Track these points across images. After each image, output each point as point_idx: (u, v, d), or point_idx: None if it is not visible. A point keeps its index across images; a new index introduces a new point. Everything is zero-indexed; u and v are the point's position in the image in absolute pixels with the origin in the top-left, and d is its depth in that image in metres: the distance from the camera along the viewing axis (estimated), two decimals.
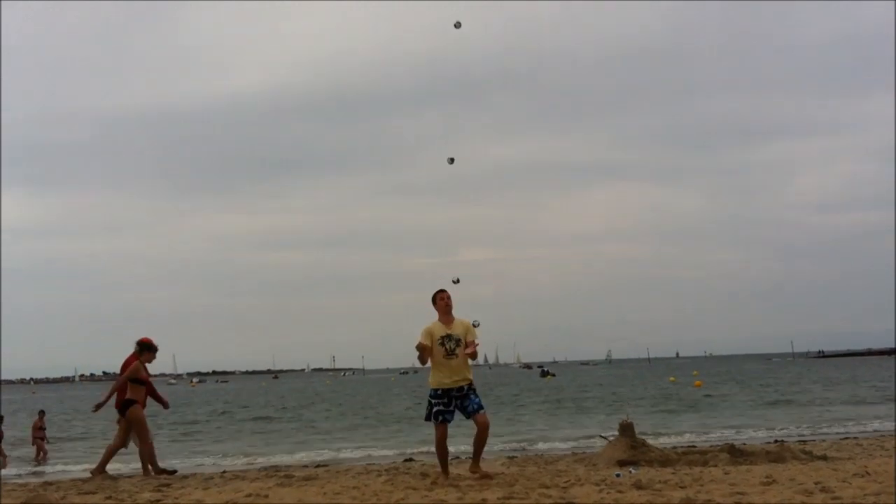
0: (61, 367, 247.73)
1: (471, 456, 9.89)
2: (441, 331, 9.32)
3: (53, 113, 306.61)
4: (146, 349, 12.39)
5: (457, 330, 9.35)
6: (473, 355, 9.41)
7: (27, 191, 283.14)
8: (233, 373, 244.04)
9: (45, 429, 21.17)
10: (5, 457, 19.79)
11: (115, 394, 12.36)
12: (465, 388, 9.31)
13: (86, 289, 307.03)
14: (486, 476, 9.35)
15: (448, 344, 9.28)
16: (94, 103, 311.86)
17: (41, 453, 20.54)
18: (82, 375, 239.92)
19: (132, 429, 12.19)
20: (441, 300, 9.44)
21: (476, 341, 9.37)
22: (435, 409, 9.29)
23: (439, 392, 9.28)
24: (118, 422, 12.48)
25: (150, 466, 12.19)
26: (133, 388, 12.16)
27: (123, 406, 12.16)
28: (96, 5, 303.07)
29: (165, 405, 13.02)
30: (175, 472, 12.33)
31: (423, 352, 9.25)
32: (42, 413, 21.86)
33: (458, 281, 9.71)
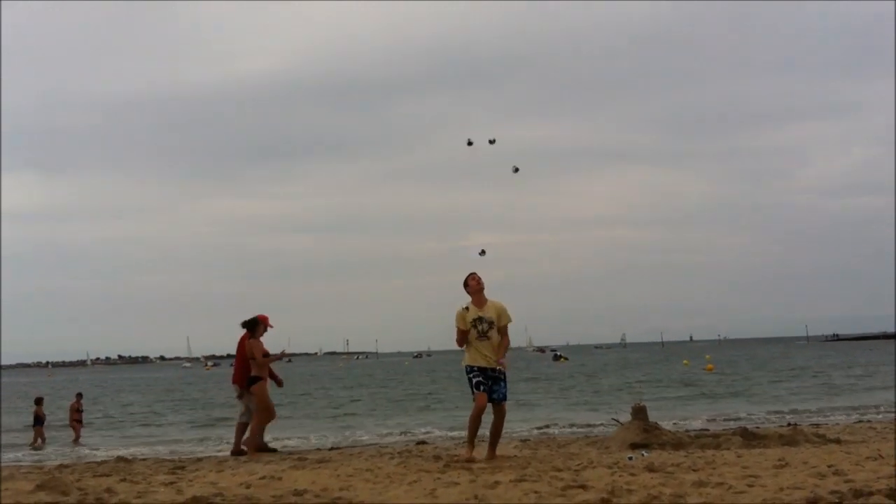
0: (73, 350, 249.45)
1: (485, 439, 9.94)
2: (474, 313, 9.45)
3: (59, 98, 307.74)
4: (255, 324, 12.65)
5: (489, 312, 9.48)
6: (505, 346, 9.59)
7: (37, 176, 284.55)
8: None
9: (82, 411, 21.37)
10: (43, 439, 20.06)
11: (235, 370, 12.84)
12: (497, 371, 9.45)
13: (96, 273, 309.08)
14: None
15: (480, 326, 9.41)
16: (98, 88, 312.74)
17: (77, 435, 20.73)
18: (97, 359, 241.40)
19: (253, 404, 12.52)
20: (473, 282, 9.56)
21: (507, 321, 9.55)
22: (475, 380, 9.44)
23: (475, 369, 9.44)
24: (238, 397, 12.84)
25: (251, 442, 12.44)
26: (254, 364, 12.47)
27: (249, 382, 12.48)
28: None
29: (279, 383, 13.43)
30: (276, 450, 12.76)
31: (463, 340, 9.45)
32: (79, 395, 22.02)
33: (483, 253, 9.92)
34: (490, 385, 9.42)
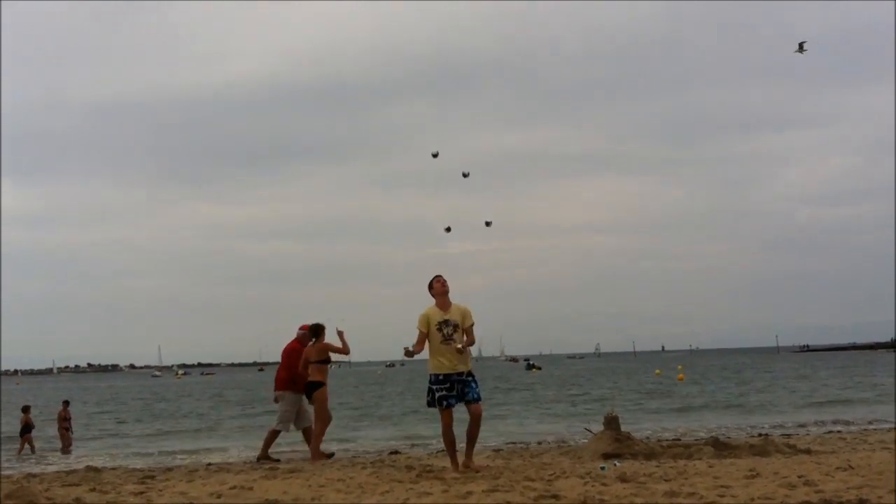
0: (41, 358, 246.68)
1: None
2: (438, 316, 9.30)
3: (43, 101, 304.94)
4: (321, 330, 12.76)
5: (454, 315, 9.32)
6: (471, 343, 9.43)
7: (9, 179, 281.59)
8: (218, 365, 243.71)
9: (70, 419, 21.20)
10: (33, 448, 19.82)
11: (278, 377, 13.10)
12: (465, 374, 9.29)
13: (66, 279, 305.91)
14: (478, 469, 9.38)
15: (445, 329, 9.24)
16: (83, 92, 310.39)
17: (66, 444, 20.56)
18: (66, 367, 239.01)
19: (314, 408, 12.66)
20: (438, 285, 9.44)
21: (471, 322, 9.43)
22: (438, 394, 9.23)
23: (440, 377, 9.23)
24: (276, 400, 13.14)
25: (315, 448, 12.62)
26: (316, 369, 12.52)
27: (310, 388, 12.50)
28: None
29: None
30: (332, 454, 12.97)
31: (412, 353, 9.30)
32: (66, 403, 21.83)
33: (489, 224, 9.90)
34: (461, 389, 9.22)
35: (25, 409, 20.84)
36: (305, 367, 12.50)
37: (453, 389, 9.23)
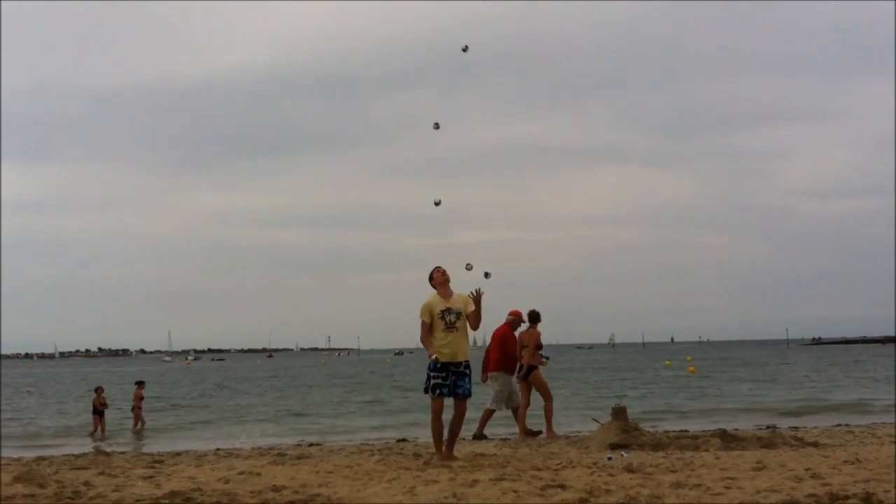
0: (48, 342, 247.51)
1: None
2: (441, 304, 9.37)
3: (46, 87, 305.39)
4: (538, 317, 13.82)
5: (456, 303, 9.39)
6: (478, 318, 9.39)
7: (15, 164, 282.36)
8: (228, 351, 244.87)
9: (143, 399, 21.49)
10: (103, 429, 19.91)
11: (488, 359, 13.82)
12: (463, 365, 9.33)
13: (77, 264, 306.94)
14: (457, 461, 9.31)
15: (448, 317, 9.31)
16: (86, 78, 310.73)
17: (139, 423, 20.83)
18: (77, 351, 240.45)
19: (539, 390, 13.86)
20: (438, 274, 9.50)
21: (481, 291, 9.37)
22: (433, 381, 9.30)
23: (438, 365, 9.28)
24: (485, 381, 13.93)
25: (549, 426, 13.84)
26: (533, 353, 13.62)
27: (529, 370, 13.61)
28: None
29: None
30: (540, 432, 13.75)
31: (427, 335, 9.33)
32: (141, 383, 22.00)
33: (470, 267, 9.83)
34: (454, 381, 9.27)
35: (98, 390, 20.86)
36: (531, 351, 13.51)
37: (448, 379, 9.28)
